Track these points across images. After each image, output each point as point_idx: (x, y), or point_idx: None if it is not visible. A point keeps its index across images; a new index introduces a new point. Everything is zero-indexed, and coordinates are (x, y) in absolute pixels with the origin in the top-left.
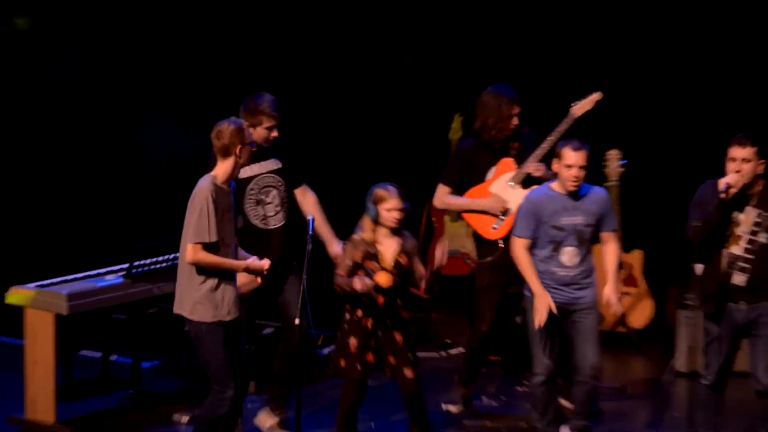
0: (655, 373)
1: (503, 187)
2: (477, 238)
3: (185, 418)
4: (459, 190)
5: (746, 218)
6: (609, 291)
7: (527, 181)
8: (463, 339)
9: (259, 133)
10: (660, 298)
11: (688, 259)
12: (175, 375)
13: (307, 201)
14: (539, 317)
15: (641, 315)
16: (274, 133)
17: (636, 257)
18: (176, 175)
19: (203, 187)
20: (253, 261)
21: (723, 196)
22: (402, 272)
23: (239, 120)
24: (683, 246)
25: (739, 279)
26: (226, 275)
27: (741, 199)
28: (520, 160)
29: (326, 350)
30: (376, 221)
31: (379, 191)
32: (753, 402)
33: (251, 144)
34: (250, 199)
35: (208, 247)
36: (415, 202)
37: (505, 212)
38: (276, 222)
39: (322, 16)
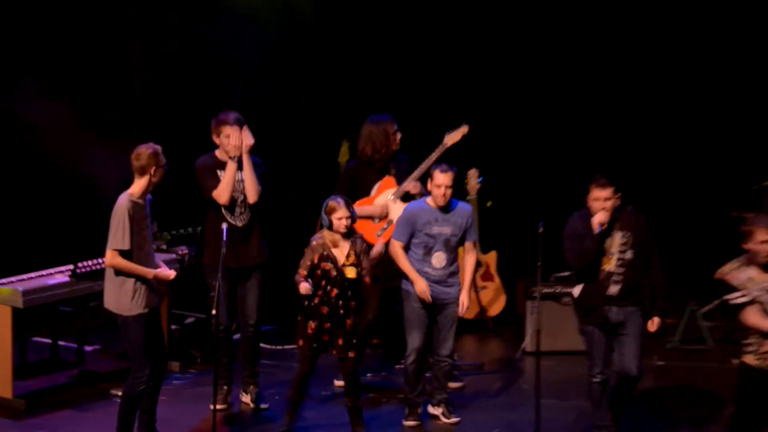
0: (508, 352)
1: (386, 200)
2: (364, 242)
3: (118, 392)
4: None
5: (614, 241)
6: (463, 296)
7: (405, 197)
8: None
9: (233, 142)
10: (511, 290)
11: (534, 259)
12: (112, 357)
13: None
14: (422, 293)
15: (496, 304)
16: (249, 140)
17: (491, 257)
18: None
19: (122, 203)
20: (161, 270)
21: (597, 228)
22: (354, 269)
23: (156, 145)
24: (529, 247)
25: (613, 290)
26: (141, 279)
27: (608, 225)
28: (399, 179)
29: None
30: (330, 228)
31: (331, 203)
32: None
33: (164, 166)
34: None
35: (123, 253)
36: (312, 212)
37: (387, 222)
38: (242, 222)
39: (237, 68)
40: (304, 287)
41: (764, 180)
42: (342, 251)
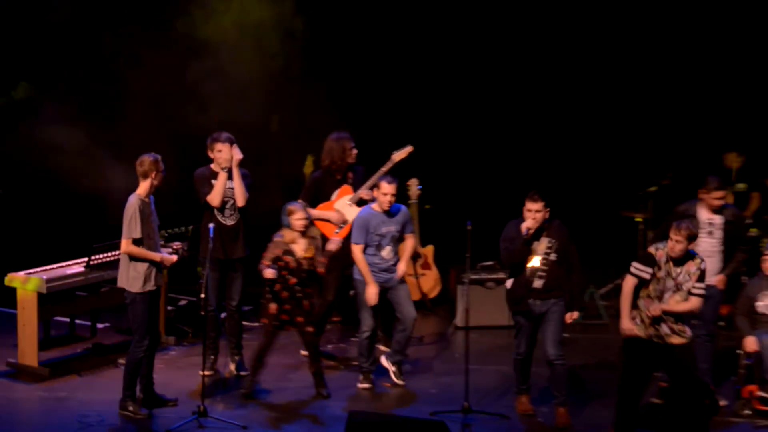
0: (442, 328)
1: (344, 205)
2: (323, 238)
3: (123, 362)
4: (312, 205)
5: (541, 244)
6: (401, 266)
7: (360, 202)
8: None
9: (224, 155)
10: (445, 277)
11: (463, 251)
12: (120, 332)
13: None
14: (370, 299)
15: (433, 288)
16: (238, 155)
17: (429, 250)
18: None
19: (132, 201)
20: (166, 255)
21: (526, 235)
22: (310, 262)
23: (157, 155)
24: (459, 242)
25: (537, 284)
26: (149, 260)
27: (538, 232)
28: (355, 187)
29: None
30: (290, 228)
31: (290, 207)
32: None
33: (163, 171)
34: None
35: (136, 241)
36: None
37: (344, 222)
38: (232, 221)
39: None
40: (270, 272)
41: (649, 186)
42: (300, 246)
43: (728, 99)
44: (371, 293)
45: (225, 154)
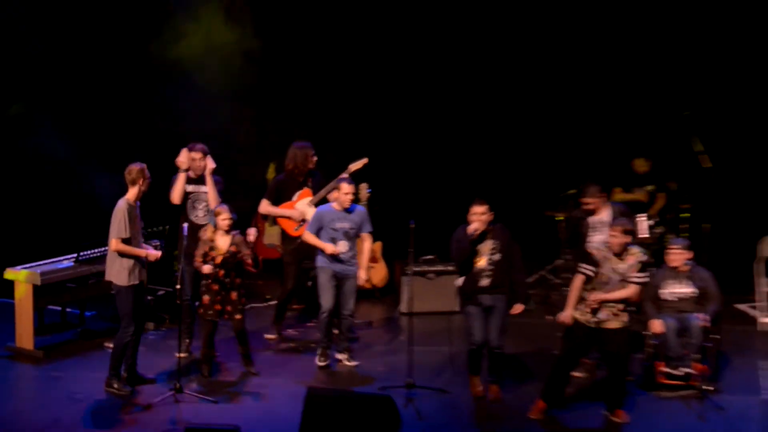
0: (389, 313)
1: (304, 205)
2: (284, 234)
3: (110, 345)
4: (275, 204)
5: (486, 246)
6: (361, 273)
7: (319, 203)
8: (276, 295)
9: (197, 164)
10: (391, 269)
11: (407, 246)
12: (105, 320)
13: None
14: (332, 251)
15: (381, 278)
16: (211, 164)
17: (377, 246)
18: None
19: (120, 205)
20: (150, 251)
21: (472, 237)
22: (234, 256)
23: (143, 164)
24: (404, 239)
25: (485, 282)
26: (135, 257)
27: (482, 235)
28: (314, 190)
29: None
30: (216, 226)
31: (217, 209)
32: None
33: (149, 179)
34: (189, 206)
35: (124, 240)
36: (250, 213)
37: (303, 220)
38: (204, 222)
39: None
40: (208, 268)
41: (570, 188)
42: (225, 243)
43: (637, 110)
44: (331, 249)
45: (198, 162)
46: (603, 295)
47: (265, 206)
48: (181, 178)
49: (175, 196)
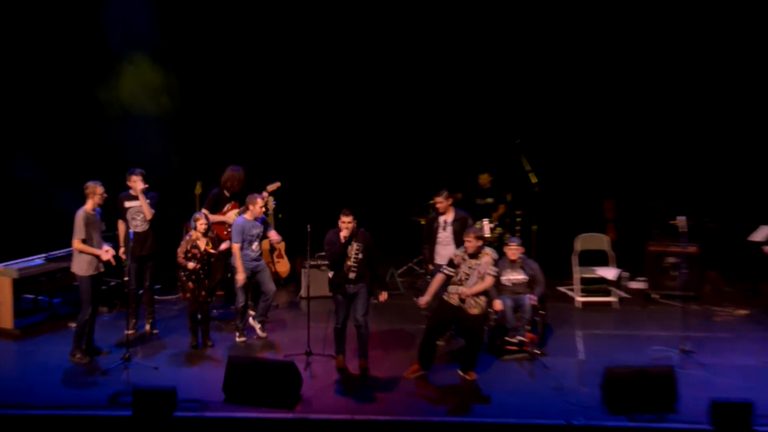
0: (291, 298)
1: (232, 215)
2: (217, 237)
3: (72, 325)
4: (211, 213)
5: (352, 248)
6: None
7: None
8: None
9: (135, 185)
10: (293, 262)
11: (305, 245)
12: (69, 305)
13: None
14: (239, 281)
15: (285, 270)
16: (140, 186)
17: (282, 245)
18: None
19: (79, 213)
20: (103, 252)
21: (343, 240)
22: (209, 254)
23: (98, 181)
24: (303, 239)
25: (351, 276)
26: (92, 254)
27: (350, 238)
28: (241, 203)
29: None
30: (195, 229)
31: (196, 216)
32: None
33: (102, 194)
34: (129, 216)
35: (83, 240)
36: (178, 222)
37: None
38: (141, 229)
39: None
40: (192, 264)
41: (429, 199)
42: (202, 242)
43: (482, 136)
44: (240, 278)
45: (138, 184)
46: (470, 291)
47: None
48: (141, 197)
49: (146, 212)
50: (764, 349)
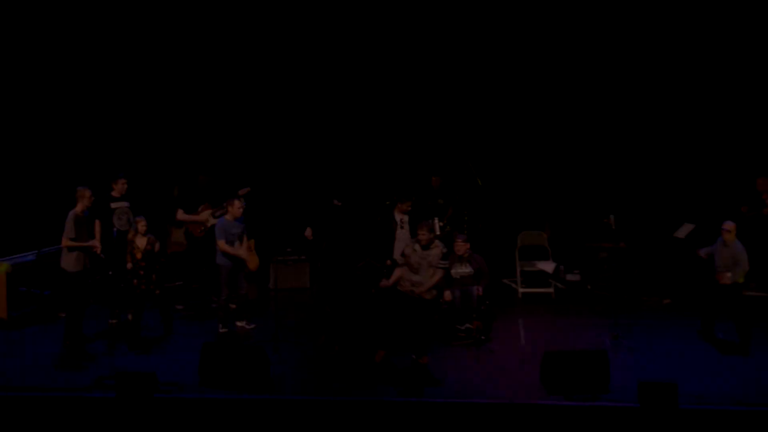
0: (261, 289)
1: (207, 216)
2: (191, 235)
3: (63, 314)
4: (188, 213)
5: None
6: (244, 254)
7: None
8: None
9: (120, 188)
10: (262, 258)
11: (275, 242)
12: (59, 297)
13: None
14: (227, 249)
15: (255, 265)
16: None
17: (252, 242)
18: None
19: (70, 214)
20: (92, 243)
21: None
22: (151, 252)
23: (86, 186)
24: (272, 237)
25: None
26: (82, 250)
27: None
28: (213, 206)
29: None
30: (137, 230)
31: (137, 218)
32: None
33: (90, 197)
34: (115, 216)
35: (73, 239)
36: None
37: (204, 226)
38: (125, 228)
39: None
40: (129, 265)
41: (388, 200)
42: (142, 242)
43: (434, 144)
44: (225, 247)
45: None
46: (423, 288)
47: (180, 214)
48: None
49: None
50: (687, 334)
